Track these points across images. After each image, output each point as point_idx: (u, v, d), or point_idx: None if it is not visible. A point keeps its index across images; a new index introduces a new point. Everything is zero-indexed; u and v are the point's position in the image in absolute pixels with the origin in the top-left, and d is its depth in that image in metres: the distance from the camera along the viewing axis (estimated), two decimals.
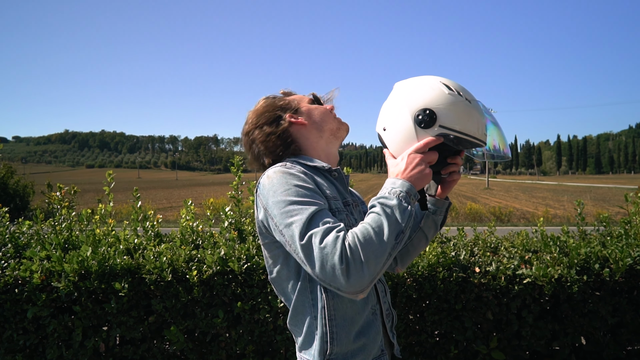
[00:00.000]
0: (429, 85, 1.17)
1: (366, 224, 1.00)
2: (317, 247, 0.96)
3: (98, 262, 2.26)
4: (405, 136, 1.16)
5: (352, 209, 1.25)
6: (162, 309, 2.25)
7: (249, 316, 2.27)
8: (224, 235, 2.67)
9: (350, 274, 0.93)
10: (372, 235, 0.97)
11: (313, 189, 1.10)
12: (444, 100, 1.14)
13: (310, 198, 1.06)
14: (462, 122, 1.14)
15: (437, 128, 1.13)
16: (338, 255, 0.94)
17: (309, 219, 1.01)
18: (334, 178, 1.27)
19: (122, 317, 2.26)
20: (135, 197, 2.93)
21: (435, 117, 1.12)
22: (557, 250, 2.48)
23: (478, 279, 2.30)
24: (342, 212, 1.16)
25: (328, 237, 0.96)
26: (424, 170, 1.11)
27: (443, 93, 1.15)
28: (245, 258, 2.32)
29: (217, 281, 2.26)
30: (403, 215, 1.01)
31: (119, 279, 2.24)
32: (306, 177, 1.13)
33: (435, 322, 2.36)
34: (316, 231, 0.98)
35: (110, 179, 2.97)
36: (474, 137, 1.15)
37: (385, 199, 1.05)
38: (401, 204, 1.03)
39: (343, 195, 1.25)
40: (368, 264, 0.94)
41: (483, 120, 1.19)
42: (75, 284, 2.24)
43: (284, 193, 1.07)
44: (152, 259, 2.28)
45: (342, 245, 0.95)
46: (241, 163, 2.90)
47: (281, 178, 1.10)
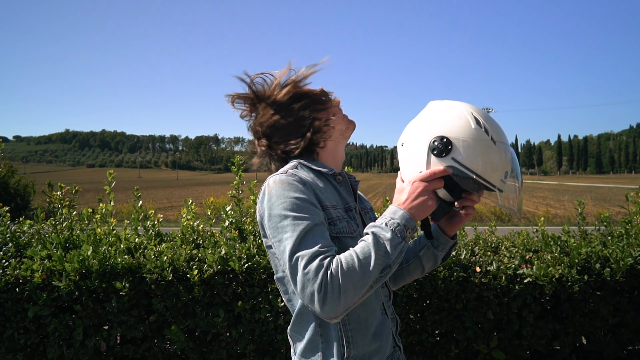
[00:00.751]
0: (457, 113, 1.11)
1: (353, 253, 1.01)
2: (301, 271, 0.98)
3: (99, 261, 2.26)
4: (416, 159, 1.13)
5: (355, 214, 1.23)
6: (162, 308, 2.25)
7: (249, 315, 2.27)
8: (225, 234, 2.67)
9: (326, 302, 0.96)
10: (356, 266, 0.98)
11: (309, 201, 1.08)
12: (467, 133, 1.08)
13: (305, 212, 1.06)
14: (477, 161, 1.07)
15: (449, 160, 1.08)
16: (317, 284, 0.96)
17: (301, 238, 1.02)
18: (337, 182, 1.25)
19: (123, 316, 2.26)
20: (136, 197, 2.93)
21: (451, 148, 1.07)
22: (557, 250, 2.48)
23: (479, 279, 2.30)
24: (343, 220, 1.14)
25: (312, 264, 0.98)
26: (426, 201, 1.09)
27: (468, 125, 1.09)
28: (246, 257, 2.32)
29: (217, 280, 2.26)
30: (394, 250, 1.01)
31: (120, 278, 2.25)
32: (306, 187, 1.11)
33: (435, 321, 2.36)
34: (304, 254, 0.99)
35: (111, 178, 2.98)
36: (486, 180, 1.09)
37: (380, 229, 1.04)
38: (395, 237, 1.02)
39: (345, 201, 1.23)
40: (346, 295, 0.96)
41: (504, 166, 1.11)
42: (76, 283, 2.24)
43: (280, 206, 1.07)
44: (153, 259, 2.29)
45: (324, 275, 0.96)
46: (242, 163, 2.90)
47: (279, 190, 1.09)
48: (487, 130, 1.09)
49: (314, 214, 1.07)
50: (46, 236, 2.69)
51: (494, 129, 1.10)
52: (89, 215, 2.87)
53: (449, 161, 1.08)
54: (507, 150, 1.12)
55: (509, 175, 1.13)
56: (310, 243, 1.02)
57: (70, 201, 3.05)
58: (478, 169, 1.08)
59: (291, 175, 1.13)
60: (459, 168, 1.08)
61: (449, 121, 1.10)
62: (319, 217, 1.08)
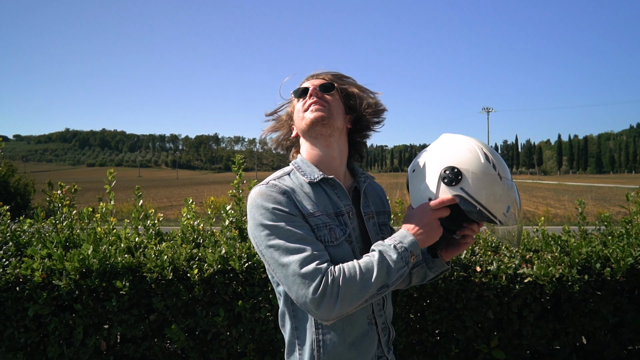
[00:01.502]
0: (468, 146, 1.18)
1: (357, 265, 1.05)
2: (297, 274, 1.02)
3: (99, 260, 2.26)
4: (427, 185, 1.18)
5: (348, 219, 1.21)
6: (163, 307, 2.25)
7: (249, 315, 2.27)
8: (225, 233, 2.67)
9: (322, 305, 0.99)
10: (357, 277, 1.02)
11: (288, 212, 1.10)
12: (476, 166, 1.14)
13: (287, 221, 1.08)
14: (483, 193, 1.14)
15: (458, 189, 1.14)
16: (314, 286, 1.00)
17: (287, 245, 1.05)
18: (330, 186, 1.23)
19: (123, 315, 2.26)
20: (136, 196, 2.93)
21: (460, 179, 1.14)
22: (558, 249, 2.48)
23: (479, 278, 2.30)
24: (324, 228, 1.14)
25: (308, 267, 1.01)
26: (434, 229, 1.14)
27: (478, 159, 1.15)
28: (246, 257, 2.32)
29: (218, 280, 2.26)
30: (396, 273, 1.06)
31: (120, 278, 2.24)
32: (285, 196, 1.13)
33: (436, 321, 2.36)
34: (296, 259, 1.03)
35: (111, 177, 2.97)
36: (489, 211, 1.15)
37: (388, 249, 1.08)
38: (400, 261, 1.07)
39: (336, 205, 1.21)
40: (342, 302, 1.00)
41: (507, 201, 1.17)
42: (76, 282, 2.24)
43: (260, 217, 1.10)
44: (153, 258, 2.29)
45: (323, 278, 1.00)
46: (242, 162, 2.90)
47: (259, 201, 1.12)
48: (495, 166, 1.16)
49: (299, 222, 1.10)
50: (46, 235, 2.69)
51: (500, 166, 1.17)
52: (89, 214, 2.87)
53: (458, 190, 1.14)
54: (510, 185, 1.19)
55: (510, 210, 1.19)
56: (300, 247, 1.05)
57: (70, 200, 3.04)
58: (483, 200, 1.14)
59: (271, 187, 1.15)
60: (466, 198, 1.14)
61: (460, 153, 1.17)
62: (303, 224, 1.11)
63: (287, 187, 1.16)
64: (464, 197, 1.13)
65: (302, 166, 1.24)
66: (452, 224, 1.20)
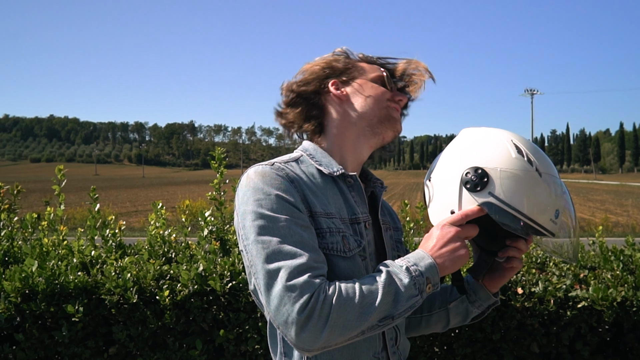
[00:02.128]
0: (494, 140, 1.14)
1: (357, 286, 1.01)
2: (282, 284, 0.98)
3: (46, 279, 2.26)
4: (446, 195, 1.15)
5: (365, 229, 1.22)
6: (125, 337, 2.25)
7: (234, 347, 2.27)
8: (203, 246, 2.67)
9: (305, 330, 0.96)
10: (356, 301, 0.98)
11: (292, 203, 1.08)
12: (507, 163, 1.10)
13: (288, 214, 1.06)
14: (521, 197, 1.09)
15: (485, 195, 1.10)
16: (300, 305, 0.96)
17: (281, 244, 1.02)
18: (347, 185, 1.24)
19: (76, 347, 2.26)
20: (92, 199, 2.93)
21: (487, 181, 1.10)
22: (619, 266, 2.48)
23: (521, 303, 2.29)
24: (337, 234, 1.13)
25: (299, 279, 0.98)
26: (457, 249, 1.09)
27: (507, 154, 1.11)
28: (230, 275, 2.32)
29: (194, 304, 2.26)
30: (405, 302, 1.02)
31: (72, 301, 2.25)
32: (292, 185, 1.12)
33: (466, 355, 2.36)
34: (287, 265, 1.00)
35: (61, 176, 2.98)
36: (532, 220, 1.10)
37: (398, 271, 1.05)
38: (412, 287, 1.03)
39: (352, 210, 1.21)
40: (331, 330, 0.96)
41: (555, 203, 1.13)
42: (18, 307, 2.24)
43: (255, 202, 1.08)
44: (114, 276, 2.29)
45: (313, 296, 0.97)
46: (224, 156, 2.90)
47: (258, 182, 1.10)
48: (531, 161, 1.11)
49: (302, 220, 1.07)
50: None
51: (539, 159, 1.13)
52: (33, 221, 2.88)
53: (486, 196, 1.10)
54: (556, 183, 1.14)
55: (560, 214, 1.15)
56: (297, 251, 1.02)
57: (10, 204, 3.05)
58: (522, 207, 1.09)
59: (277, 169, 1.13)
60: (498, 205, 1.09)
61: (485, 150, 1.13)
62: (307, 223, 1.08)
63: (296, 175, 1.15)
64: (494, 205, 1.09)
65: (316, 154, 1.24)
66: (491, 243, 1.17)
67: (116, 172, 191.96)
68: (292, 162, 1.21)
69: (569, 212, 1.18)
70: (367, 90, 1.27)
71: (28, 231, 2.89)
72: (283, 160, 1.20)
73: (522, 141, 1.15)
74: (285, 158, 1.23)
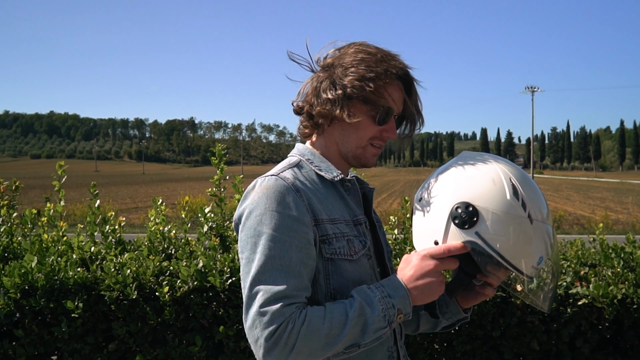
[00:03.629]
0: (491, 175, 1.12)
1: (327, 317, 1.05)
2: (256, 308, 1.05)
3: (45, 275, 2.26)
4: (433, 224, 1.15)
5: (365, 229, 1.27)
6: (125, 334, 2.25)
7: (233, 344, 2.27)
8: (203, 242, 2.67)
9: (271, 355, 1.03)
10: (322, 332, 1.04)
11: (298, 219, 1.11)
12: (499, 204, 1.09)
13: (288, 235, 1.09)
14: (508, 243, 1.08)
15: (472, 234, 1.09)
16: (269, 332, 1.02)
17: (270, 265, 1.07)
18: (345, 189, 1.28)
19: (76, 343, 2.26)
20: (92, 195, 2.93)
21: (476, 220, 1.09)
22: (620, 264, 2.48)
23: (521, 300, 2.29)
24: (342, 238, 1.17)
25: (272, 307, 1.04)
26: (433, 284, 1.12)
27: (502, 194, 1.10)
28: (230, 271, 2.32)
29: (193, 300, 2.26)
30: (372, 334, 1.07)
31: (72, 297, 2.25)
32: (299, 195, 1.14)
33: (466, 352, 2.36)
34: (266, 289, 1.05)
35: (61, 172, 2.98)
36: (513, 265, 1.10)
37: (370, 302, 1.08)
38: (381, 321, 1.07)
39: (353, 212, 1.26)
40: (296, 356, 1.03)
41: (539, 251, 1.13)
42: (17, 303, 2.24)
43: (257, 218, 1.11)
44: (113, 272, 2.29)
45: (281, 326, 1.03)
46: (224, 153, 2.90)
47: (264, 198, 1.12)
48: (525, 205, 1.10)
49: (301, 240, 1.10)
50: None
51: (532, 202, 1.11)
52: (33, 217, 2.88)
53: (472, 235, 1.09)
54: (544, 230, 1.13)
55: (543, 260, 1.15)
56: (279, 277, 1.06)
57: (10, 200, 3.05)
58: (505, 251, 1.09)
59: (283, 179, 1.15)
60: (482, 246, 1.09)
61: (480, 185, 1.11)
62: (307, 242, 1.11)
63: (301, 184, 1.17)
64: (479, 246, 1.09)
65: (314, 159, 1.26)
66: (471, 265, 1.16)
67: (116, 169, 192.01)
68: (293, 168, 1.22)
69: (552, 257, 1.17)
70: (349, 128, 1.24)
71: (28, 227, 2.89)
72: (284, 168, 1.21)
73: (520, 178, 1.13)
74: (285, 165, 1.24)
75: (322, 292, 1.16)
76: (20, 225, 2.91)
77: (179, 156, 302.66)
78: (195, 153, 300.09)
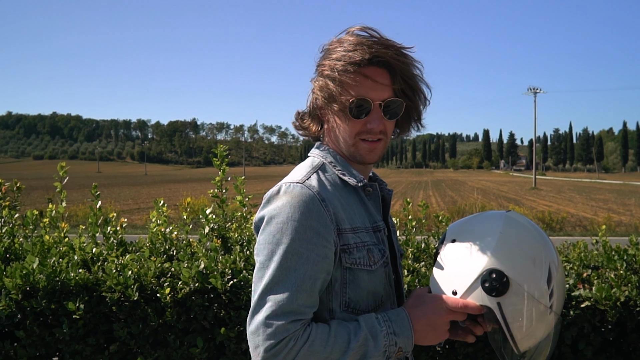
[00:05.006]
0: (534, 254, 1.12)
1: (330, 340, 1.07)
2: (263, 318, 1.06)
3: (47, 276, 2.26)
4: (458, 273, 1.14)
5: (384, 236, 1.26)
6: (126, 335, 2.25)
7: (234, 345, 2.27)
8: (204, 244, 2.66)
9: None
10: (321, 354, 1.06)
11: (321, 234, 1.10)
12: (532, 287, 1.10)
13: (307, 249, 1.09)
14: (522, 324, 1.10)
15: (494, 302, 1.10)
16: (270, 344, 1.04)
17: (285, 277, 1.07)
18: (367, 195, 1.27)
19: (77, 345, 2.26)
20: (94, 196, 2.93)
21: (504, 292, 1.09)
22: (623, 266, 2.46)
23: None
24: (362, 248, 1.17)
25: (279, 322, 1.04)
26: (439, 332, 1.14)
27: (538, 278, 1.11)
28: (231, 273, 2.31)
29: (195, 301, 2.25)
30: None
31: (73, 298, 2.25)
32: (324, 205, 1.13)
33: (468, 355, 2.35)
34: (277, 300, 1.06)
35: (63, 173, 2.98)
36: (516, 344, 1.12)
37: (376, 334, 1.09)
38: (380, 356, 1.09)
39: (373, 219, 1.25)
40: None
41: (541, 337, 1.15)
42: (19, 304, 2.24)
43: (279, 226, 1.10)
44: (115, 274, 2.29)
45: (284, 341, 1.04)
46: (226, 154, 2.89)
47: (289, 206, 1.11)
48: (552, 294, 1.11)
49: (318, 254, 1.10)
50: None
51: (559, 292, 1.13)
52: (35, 218, 2.87)
53: (493, 303, 1.10)
54: (555, 321, 1.15)
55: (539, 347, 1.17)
56: (291, 291, 1.06)
57: (11, 201, 3.04)
58: (516, 330, 1.10)
59: (309, 187, 1.14)
60: (498, 317, 1.10)
61: (521, 261, 1.11)
62: (323, 257, 1.10)
63: (327, 191, 1.17)
64: (494, 315, 1.10)
65: (338, 162, 1.25)
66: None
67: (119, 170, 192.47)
68: (317, 172, 1.21)
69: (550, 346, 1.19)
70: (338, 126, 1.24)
71: (29, 228, 2.89)
72: (309, 173, 1.20)
73: (557, 266, 1.14)
74: (309, 168, 1.22)
75: (337, 300, 1.16)
76: (22, 226, 2.90)
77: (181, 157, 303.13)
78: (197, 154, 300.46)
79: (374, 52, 1.13)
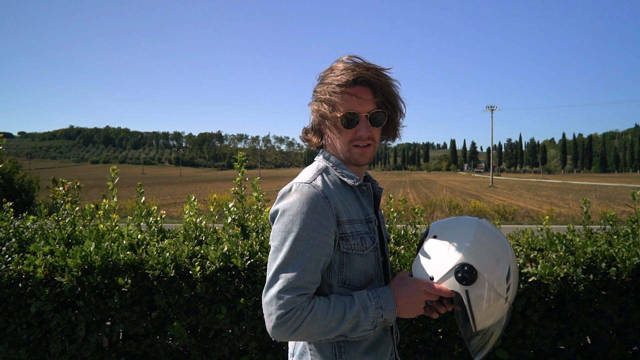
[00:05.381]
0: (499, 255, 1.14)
1: (330, 310, 1.08)
2: (276, 291, 1.06)
3: (101, 257, 2.26)
4: (436, 263, 1.15)
5: (375, 226, 1.26)
6: (165, 304, 2.25)
7: (251, 312, 2.26)
8: (227, 231, 2.66)
9: (278, 329, 1.05)
10: (322, 322, 1.07)
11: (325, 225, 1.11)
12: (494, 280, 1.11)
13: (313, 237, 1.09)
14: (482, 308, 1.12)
15: (463, 289, 1.11)
16: (281, 313, 1.05)
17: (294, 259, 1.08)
18: (361, 192, 1.27)
19: (125, 312, 2.26)
20: (139, 193, 2.92)
21: (472, 282, 1.10)
22: (563, 248, 2.46)
23: None
24: (357, 236, 1.17)
25: (289, 295, 1.05)
26: (417, 308, 1.15)
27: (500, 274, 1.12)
28: (249, 254, 2.31)
29: (220, 277, 2.25)
30: (359, 333, 1.10)
31: (122, 274, 2.24)
32: (327, 202, 1.13)
33: (439, 320, 2.34)
34: (288, 278, 1.06)
35: (114, 174, 2.97)
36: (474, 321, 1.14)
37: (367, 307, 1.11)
38: (370, 324, 1.10)
39: (366, 212, 1.25)
40: (298, 335, 1.06)
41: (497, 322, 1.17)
42: (79, 279, 2.24)
43: (290, 218, 1.10)
44: (155, 255, 2.28)
45: (292, 310, 1.05)
46: (244, 159, 2.89)
47: (299, 203, 1.11)
48: (509, 288, 1.14)
49: (321, 241, 1.10)
50: (49, 232, 2.69)
51: (512, 289, 1.16)
52: (91, 211, 2.87)
53: (462, 290, 1.11)
54: (508, 308, 1.18)
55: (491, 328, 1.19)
56: (299, 270, 1.07)
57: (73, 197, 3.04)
58: (477, 313, 1.13)
59: (315, 187, 1.14)
60: (464, 301, 1.12)
61: (489, 259, 1.13)
62: (325, 243, 1.11)
63: (330, 189, 1.17)
64: (462, 299, 1.12)
65: (339, 166, 1.24)
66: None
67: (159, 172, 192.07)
68: (321, 174, 1.20)
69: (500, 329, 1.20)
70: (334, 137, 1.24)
71: (87, 219, 2.89)
72: (315, 175, 1.20)
73: (515, 267, 1.16)
74: (315, 171, 1.22)
75: (335, 278, 1.16)
76: (82, 217, 2.90)
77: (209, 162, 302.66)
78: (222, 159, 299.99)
79: (356, 74, 1.15)
